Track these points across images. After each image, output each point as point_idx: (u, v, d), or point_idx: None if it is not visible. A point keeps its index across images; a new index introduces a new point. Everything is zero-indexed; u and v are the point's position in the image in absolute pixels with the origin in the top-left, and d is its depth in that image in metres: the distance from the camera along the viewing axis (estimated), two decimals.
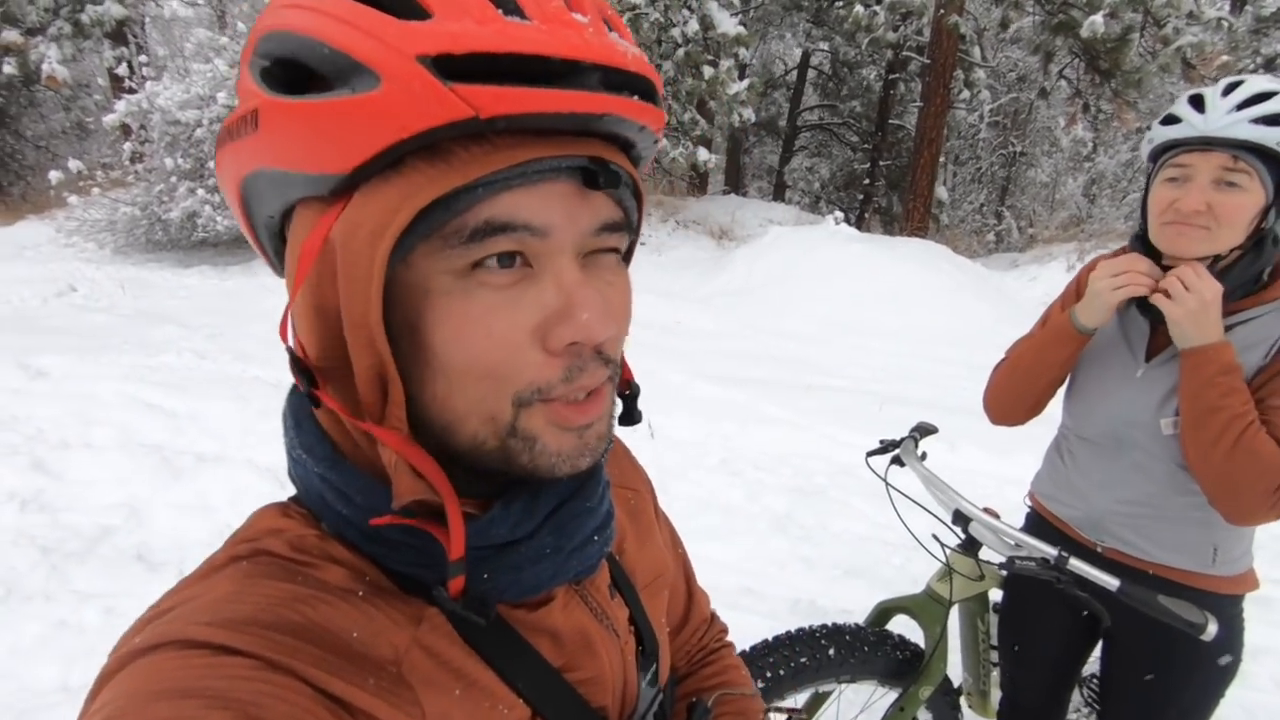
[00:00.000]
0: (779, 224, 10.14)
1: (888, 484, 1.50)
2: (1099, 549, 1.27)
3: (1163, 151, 1.12)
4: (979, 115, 18.71)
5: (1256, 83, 1.03)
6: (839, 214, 9.41)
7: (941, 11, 8.74)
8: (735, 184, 17.62)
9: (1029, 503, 1.48)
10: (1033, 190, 20.54)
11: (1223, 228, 1.05)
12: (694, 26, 9.12)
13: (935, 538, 1.40)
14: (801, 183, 17.65)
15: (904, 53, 12.03)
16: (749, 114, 9.59)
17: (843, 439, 4.25)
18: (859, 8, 8.98)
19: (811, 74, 19.47)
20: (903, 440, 1.58)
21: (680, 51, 9.43)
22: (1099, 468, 1.26)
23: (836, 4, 15.57)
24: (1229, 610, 1.19)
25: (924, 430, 1.66)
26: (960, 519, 1.35)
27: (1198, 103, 1.06)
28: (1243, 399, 1.03)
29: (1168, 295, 1.07)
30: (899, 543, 3.04)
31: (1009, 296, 8.55)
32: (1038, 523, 1.41)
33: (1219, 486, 1.07)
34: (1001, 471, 3.87)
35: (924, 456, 1.57)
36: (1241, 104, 1.01)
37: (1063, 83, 11.63)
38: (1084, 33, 8.09)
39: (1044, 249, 10.53)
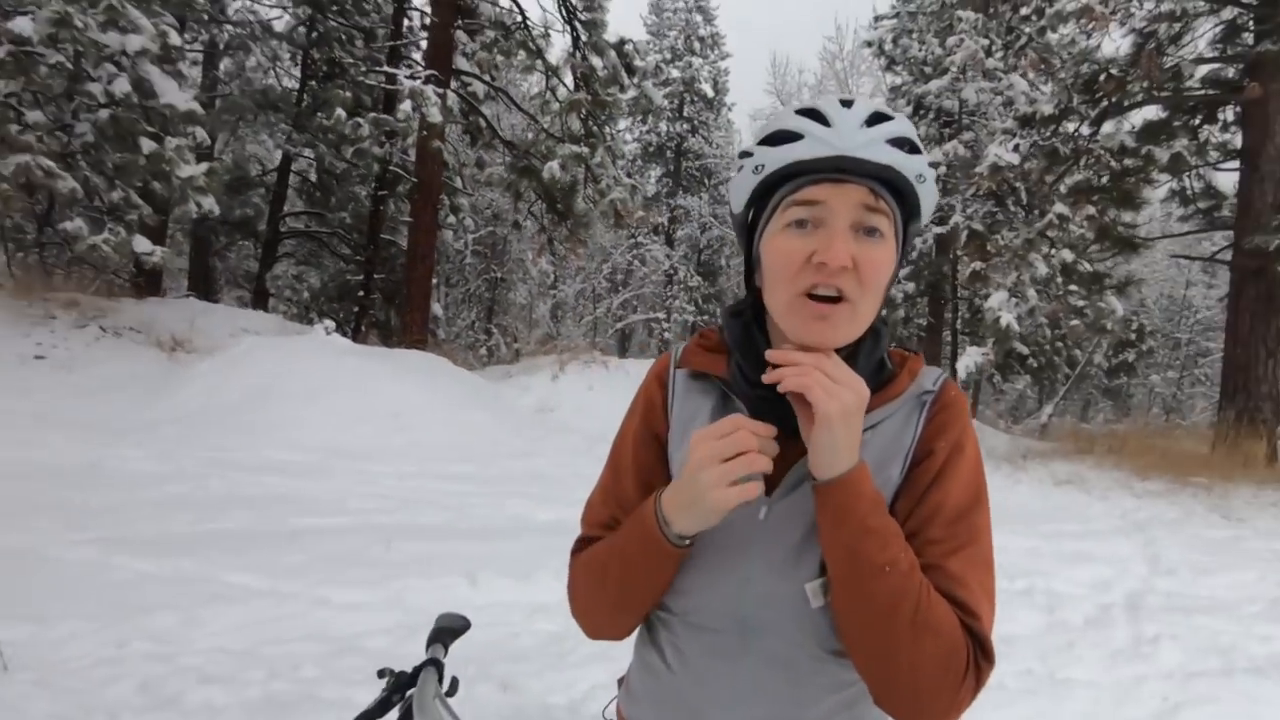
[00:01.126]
0: (256, 333, 8.57)
1: None
2: None
3: (777, 185, 0.75)
4: (464, 242, 20.40)
5: (865, 101, 0.75)
6: (329, 323, 8.47)
7: (425, 133, 9.04)
8: (204, 289, 14.90)
9: None
10: (514, 310, 23.20)
11: (865, 296, 0.73)
12: (124, 87, 7.24)
13: None
14: (288, 291, 15.95)
15: (392, 167, 12.14)
16: (210, 204, 7.99)
17: (341, 600, 3.29)
18: (340, 113, 8.58)
19: (296, 180, 18.27)
20: (419, 671, 0.88)
21: (104, 114, 7.35)
22: (721, 672, 0.79)
23: (318, 114, 15.08)
24: None
25: (453, 631, 1.00)
26: None
27: (815, 115, 0.73)
28: (903, 545, 0.70)
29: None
30: None
31: (508, 405, 8.89)
32: None
33: (898, 684, 0.70)
34: (530, 598, 3.50)
35: (453, 689, 0.91)
36: (869, 120, 0.72)
37: (530, 220, 13.39)
38: (544, 175, 9.40)
39: (530, 361, 11.54)
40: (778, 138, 0.73)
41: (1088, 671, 3.15)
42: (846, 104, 0.72)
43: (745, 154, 0.77)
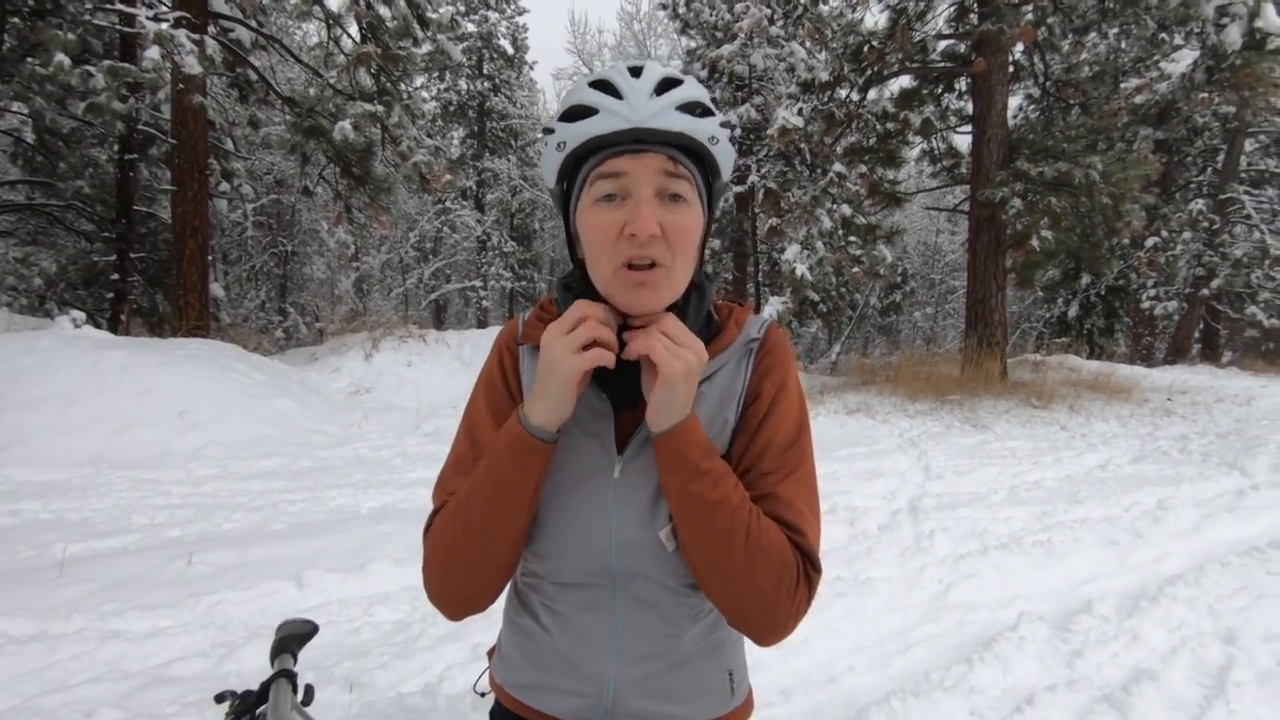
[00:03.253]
0: None
1: None
2: None
3: (582, 159, 0.78)
4: (243, 213, 18.06)
5: (654, 67, 0.78)
6: (77, 314, 7.14)
7: (182, 86, 7.76)
8: None
9: (492, 697, 0.94)
10: (313, 287, 21.13)
11: (677, 259, 0.77)
12: None
13: None
14: (11, 278, 13.11)
15: (141, 126, 10.35)
16: None
17: (137, 630, 2.88)
18: (61, 59, 7.07)
19: (6, 141, 14.88)
20: (269, 684, 0.82)
21: None
22: (597, 622, 0.83)
23: (28, 59, 12.31)
24: None
25: (299, 638, 0.93)
26: None
27: (607, 88, 0.75)
28: (733, 483, 0.77)
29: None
30: None
31: (317, 390, 8.17)
32: None
33: (742, 603, 0.78)
34: (366, 590, 3.31)
35: (308, 698, 0.85)
36: (659, 88, 0.75)
37: (325, 186, 12.18)
38: (336, 137, 8.55)
39: (338, 340, 10.64)
40: (575, 113, 0.75)
41: (884, 569, 3.68)
42: (635, 72, 0.75)
43: (548, 130, 0.78)
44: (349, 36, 9.96)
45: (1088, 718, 2.34)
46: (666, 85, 0.74)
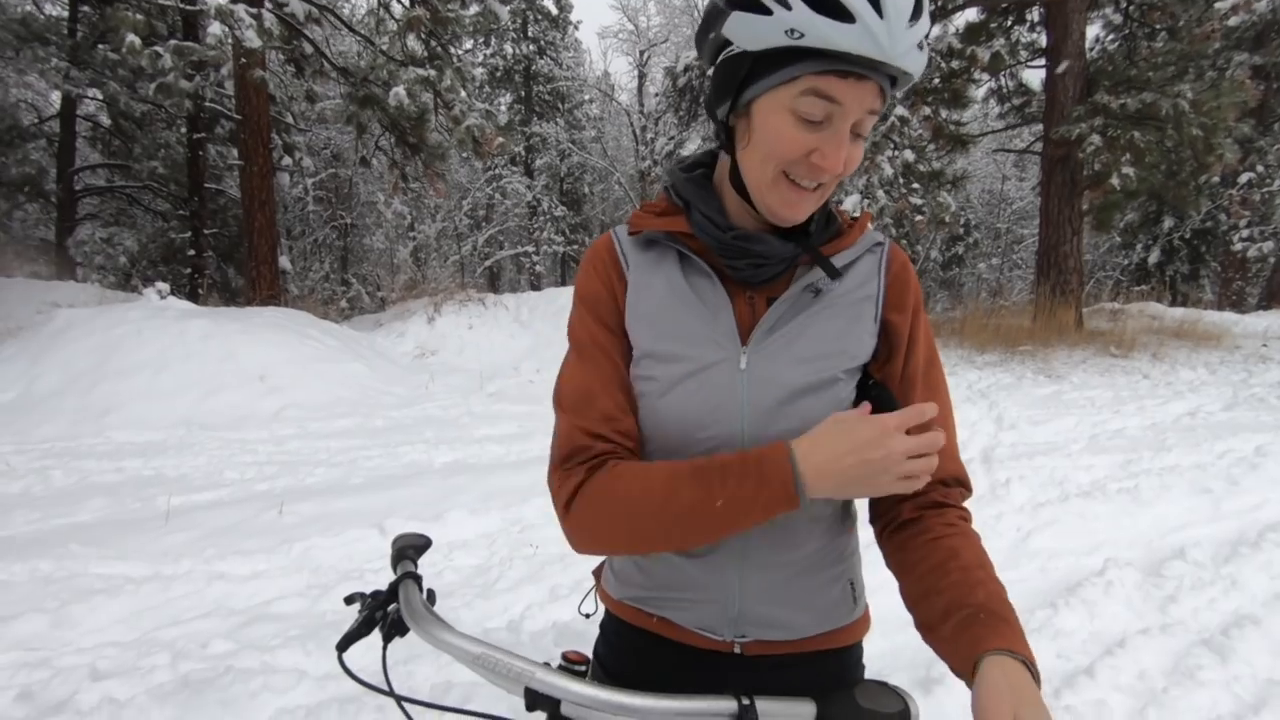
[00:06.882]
0: (70, 307, 7.48)
1: (392, 693, 0.76)
2: (736, 649, 0.84)
3: (801, 55, 0.67)
4: (303, 188, 18.58)
5: None
6: (162, 286, 7.53)
7: (244, 61, 7.96)
8: None
9: (605, 610, 0.95)
10: (373, 257, 21.70)
11: (834, 184, 0.77)
12: None
13: None
14: (99, 257, 13.88)
15: (207, 104, 10.69)
16: None
17: (239, 572, 3.08)
18: (133, 40, 7.32)
19: (84, 126, 15.64)
20: (397, 584, 0.85)
21: None
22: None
23: (102, 45, 12.82)
24: (861, 662, 0.92)
25: (417, 548, 0.96)
26: (539, 701, 0.70)
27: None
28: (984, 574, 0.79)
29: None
30: None
31: (384, 354, 8.44)
32: (627, 640, 0.90)
33: None
34: (445, 538, 3.44)
35: (432, 599, 0.88)
36: (914, 13, 0.67)
37: (381, 156, 12.38)
38: (390, 104, 8.64)
39: (401, 306, 10.93)
40: (828, 5, 0.64)
41: None
42: None
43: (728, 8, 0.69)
44: (398, 2, 9.98)
45: (1185, 660, 2.25)
46: (918, 11, 0.67)
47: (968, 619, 0.68)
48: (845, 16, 0.64)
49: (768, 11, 0.66)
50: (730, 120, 0.77)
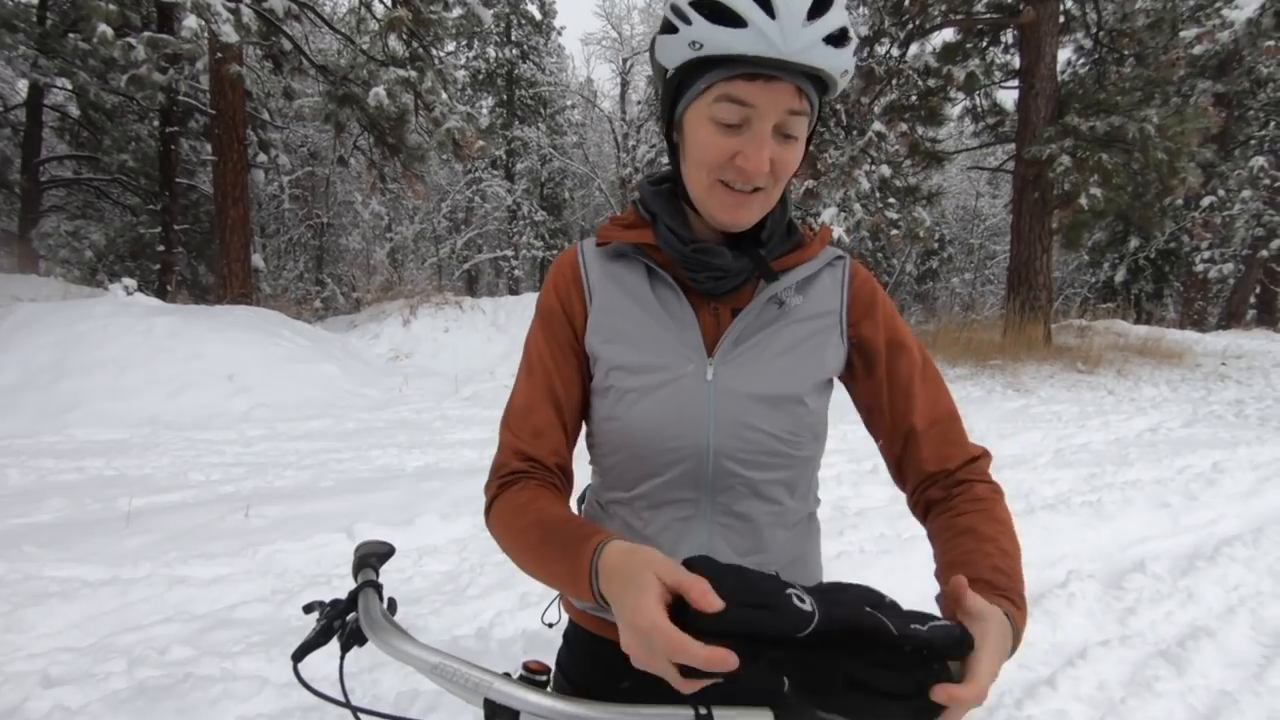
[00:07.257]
0: (31, 300, 7.28)
1: (348, 704, 0.75)
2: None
3: (710, 65, 0.71)
4: (279, 185, 18.32)
5: None
6: (129, 282, 7.36)
7: (220, 56, 7.84)
8: None
9: (569, 619, 0.95)
10: (348, 258, 21.42)
11: (776, 186, 0.77)
12: None
13: None
14: (64, 251, 13.54)
15: (181, 98, 10.50)
16: None
17: (202, 576, 3.01)
18: (105, 30, 7.17)
19: (52, 116, 15.26)
20: (356, 593, 0.84)
21: None
22: (684, 537, 0.84)
23: (73, 34, 12.52)
24: None
25: (379, 555, 0.95)
26: (499, 711, 0.68)
27: (764, 2, 0.67)
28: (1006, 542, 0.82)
29: None
30: None
31: (358, 355, 8.33)
32: (589, 649, 0.90)
33: None
34: (414, 543, 3.40)
35: (392, 608, 0.87)
36: (812, 11, 0.68)
37: (359, 155, 12.26)
38: (370, 104, 8.57)
39: (376, 308, 10.81)
40: (720, 13, 0.68)
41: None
42: None
43: (679, 14, 0.71)
44: (381, 2, 9.91)
45: (1143, 671, 2.30)
46: (819, 9, 0.68)
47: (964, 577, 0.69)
48: (737, 22, 0.67)
49: (675, 30, 0.71)
50: (675, 137, 0.80)
